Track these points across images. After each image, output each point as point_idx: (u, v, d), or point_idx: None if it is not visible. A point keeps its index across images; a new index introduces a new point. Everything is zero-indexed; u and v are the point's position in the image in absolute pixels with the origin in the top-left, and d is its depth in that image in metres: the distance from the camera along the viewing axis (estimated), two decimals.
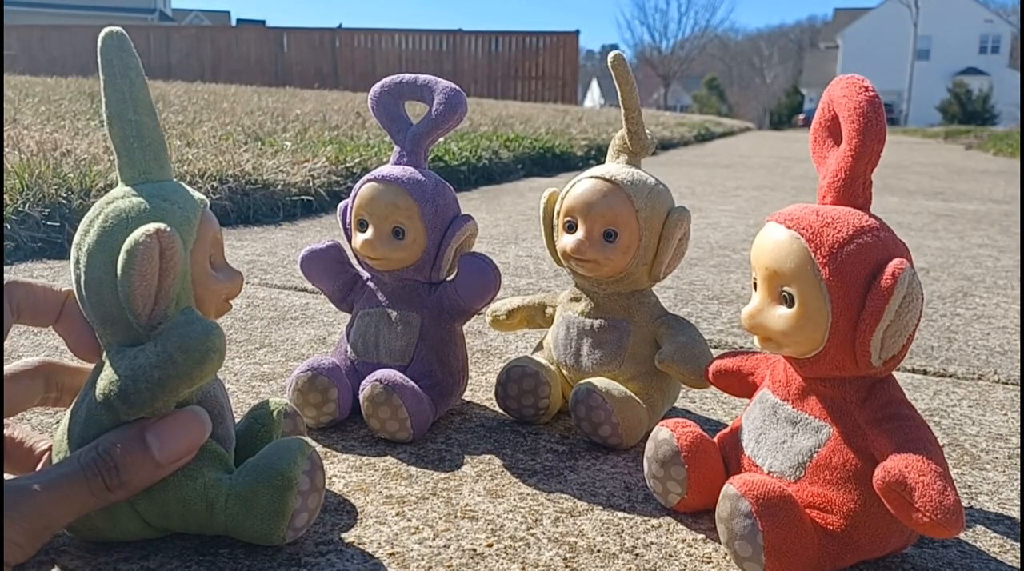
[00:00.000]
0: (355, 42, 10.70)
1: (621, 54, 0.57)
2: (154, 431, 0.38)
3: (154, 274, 0.37)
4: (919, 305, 0.38)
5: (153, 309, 0.38)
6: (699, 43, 35.14)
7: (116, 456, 0.37)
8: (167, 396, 0.38)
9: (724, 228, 1.75)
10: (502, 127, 3.78)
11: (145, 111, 0.41)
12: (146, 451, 0.37)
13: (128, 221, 0.38)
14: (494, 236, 1.54)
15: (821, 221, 0.39)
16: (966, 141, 7.27)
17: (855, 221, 0.39)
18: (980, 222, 1.97)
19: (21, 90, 4.01)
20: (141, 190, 0.40)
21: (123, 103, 0.41)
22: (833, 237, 0.39)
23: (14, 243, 1.20)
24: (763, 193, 2.58)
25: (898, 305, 0.37)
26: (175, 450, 0.38)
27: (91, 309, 0.39)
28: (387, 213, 0.58)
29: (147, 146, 0.41)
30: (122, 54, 0.41)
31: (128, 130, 0.41)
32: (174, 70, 9.92)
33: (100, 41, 0.40)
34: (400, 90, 0.62)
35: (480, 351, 0.81)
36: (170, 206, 0.40)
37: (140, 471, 0.37)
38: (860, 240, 0.39)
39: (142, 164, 0.41)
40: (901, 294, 0.37)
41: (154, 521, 0.41)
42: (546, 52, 10.69)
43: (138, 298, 0.37)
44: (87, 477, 0.36)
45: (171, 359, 0.37)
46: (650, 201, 0.56)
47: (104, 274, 0.38)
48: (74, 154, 1.66)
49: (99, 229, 0.38)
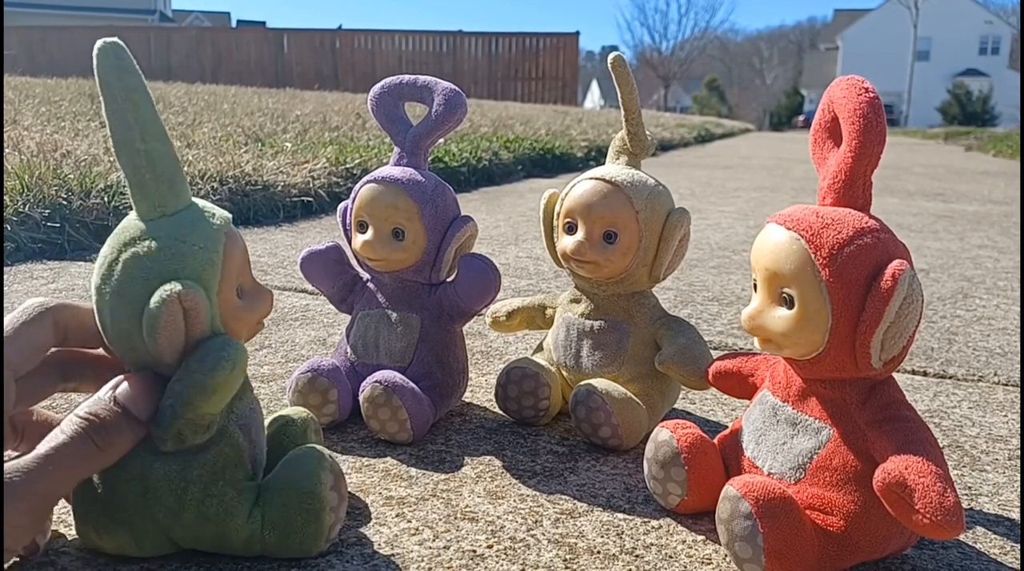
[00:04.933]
0: (355, 43, 10.70)
1: (621, 55, 0.57)
2: (124, 391, 0.38)
3: (180, 333, 0.37)
4: (919, 306, 0.38)
5: (182, 356, 0.38)
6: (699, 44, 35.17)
7: (101, 415, 0.37)
8: (187, 410, 0.37)
9: (724, 229, 1.75)
10: (502, 128, 3.78)
11: (154, 137, 0.38)
12: (125, 409, 0.38)
13: (148, 274, 0.37)
14: (494, 237, 1.54)
15: (821, 222, 0.39)
16: (966, 142, 7.27)
17: (855, 222, 0.39)
18: (980, 223, 1.97)
19: (21, 91, 4.01)
20: (158, 230, 0.38)
21: (128, 131, 0.37)
22: (833, 238, 0.39)
23: (14, 244, 1.20)
24: (763, 194, 2.58)
25: (898, 306, 0.37)
26: (148, 405, 0.38)
27: (120, 353, 0.39)
28: (387, 214, 0.58)
29: (159, 176, 0.38)
30: (122, 74, 0.37)
31: (137, 160, 0.38)
32: (174, 71, 9.93)
33: (95, 58, 0.37)
34: (400, 91, 0.62)
35: (480, 352, 0.81)
36: (189, 248, 0.38)
37: (126, 428, 0.37)
38: (860, 241, 0.39)
39: (156, 196, 0.38)
40: (901, 295, 0.37)
41: (186, 545, 0.40)
42: (546, 53, 10.70)
43: (166, 354, 0.37)
44: (77, 442, 0.36)
45: (188, 371, 0.37)
46: (650, 202, 0.56)
47: (130, 327, 0.37)
48: (74, 155, 1.66)
49: (119, 281, 0.37)
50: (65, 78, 5.91)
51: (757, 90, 42.90)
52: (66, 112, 2.97)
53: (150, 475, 0.39)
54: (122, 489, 0.39)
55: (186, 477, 0.39)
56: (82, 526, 0.40)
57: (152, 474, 0.39)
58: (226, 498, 0.39)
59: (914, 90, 24.37)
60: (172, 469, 0.39)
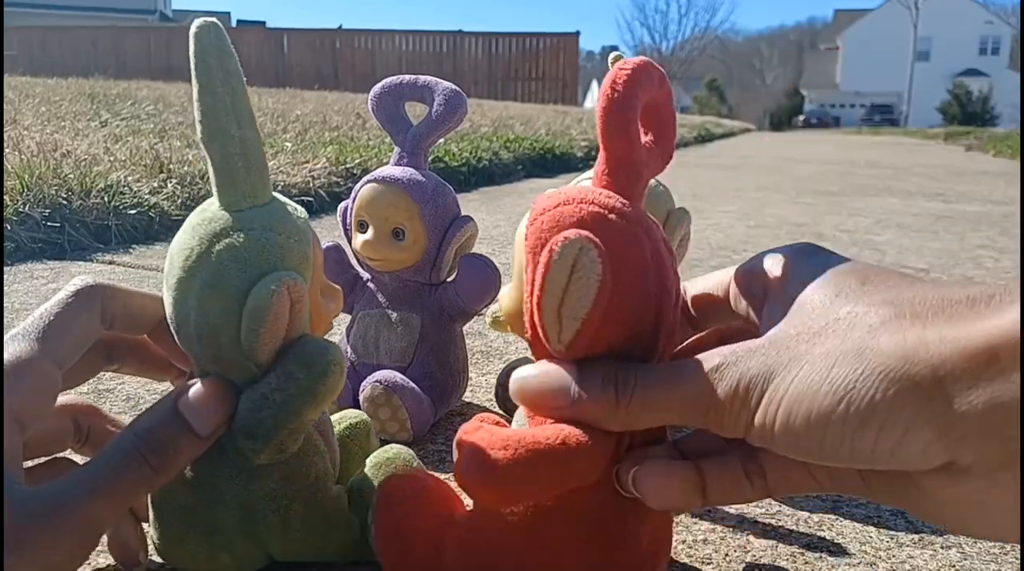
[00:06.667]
0: (355, 43, 10.71)
1: (622, 55, 0.57)
2: (187, 404, 0.35)
3: (283, 329, 0.34)
4: (592, 288, 0.32)
5: (274, 357, 0.35)
6: (699, 44, 35.19)
7: (157, 434, 0.34)
8: (291, 420, 0.35)
9: (725, 229, 1.75)
10: (502, 128, 3.78)
11: (248, 123, 0.35)
12: (185, 425, 0.35)
13: (246, 266, 0.34)
14: (494, 237, 1.54)
15: (546, 198, 0.35)
16: (966, 142, 7.27)
17: (578, 196, 0.34)
18: (980, 223, 1.97)
19: (21, 91, 4.01)
20: (250, 221, 0.35)
21: (226, 116, 0.35)
22: (539, 206, 0.35)
23: (14, 244, 1.20)
24: (764, 194, 2.58)
25: (564, 281, 0.31)
26: (211, 420, 0.35)
27: (200, 349, 0.35)
28: (387, 214, 0.58)
29: (252, 165, 0.36)
30: (222, 55, 0.34)
31: (231, 148, 0.35)
32: (174, 71, 9.93)
33: (195, 37, 0.34)
34: (400, 91, 0.62)
35: (480, 352, 0.81)
36: (286, 241, 0.35)
37: (184, 447, 0.34)
38: (559, 210, 0.34)
39: (246, 187, 0.35)
40: (564, 268, 0.31)
41: (286, 558, 0.39)
42: (546, 53, 10.71)
43: (263, 352, 0.34)
44: (131, 464, 0.33)
45: (293, 377, 0.34)
46: (650, 202, 0.56)
47: (221, 321, 0.34)
48: (74, 155, 1.66)
49: (213, 271, 0.34)
50: (65, 78, 5.91)
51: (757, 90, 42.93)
52: (66, 112, 2.97)
53: (249, 496, 0.36)
54: (221, 515, 0.37)
55: (287, 494, 0.37)
56: (174, 550, 0.38)
57: (251, 495, 0.36)
58: (327, 509, 0.38)
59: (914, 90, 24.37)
60: (272, 488, 0.37)
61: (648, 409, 0.32)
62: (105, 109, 3.34)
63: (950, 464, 0.27)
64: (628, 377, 0.32)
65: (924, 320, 0.27)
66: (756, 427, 0.29)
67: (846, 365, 0.27)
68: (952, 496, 0.28)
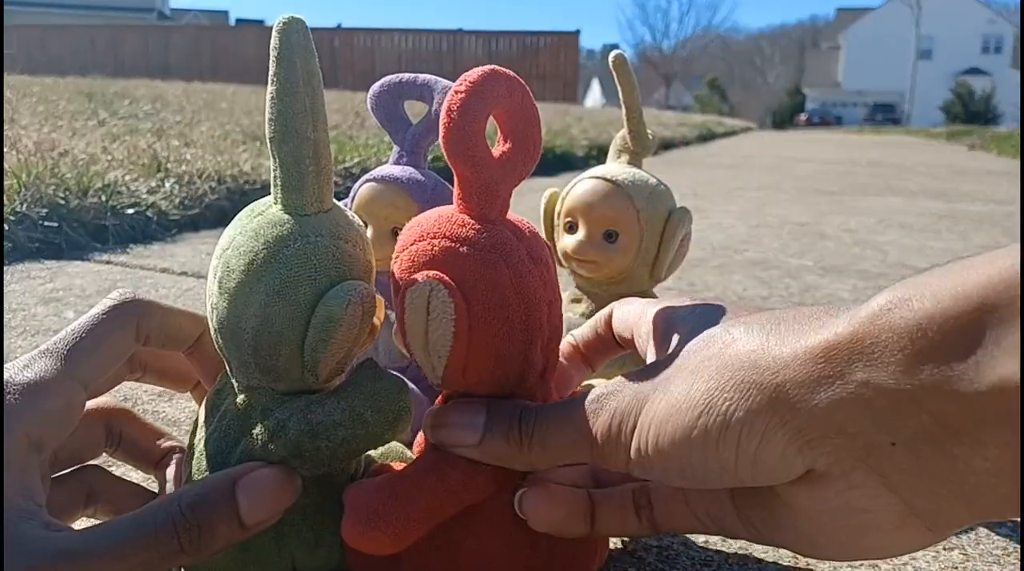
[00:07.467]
0: (354, 42, 10.71)
1: (622, 54, 0.57)
2: (247, 488, 0.31)
3: (352, 341, 0.33)
4: (448, 326, 0.32)
5: (335, 376, 0.34)
6: (701, 43, 35.20)
7: (201, 515, 0.30)
8: (349, 456, 0.34)
9: (726, 229, 1.75)
10: None
11: (324, 127, 0.34)
12: (234, 510, 0.31)
13: (316, 274, 0.32)
14: None
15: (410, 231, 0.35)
16: (969, 142, 7.27)
17: (431, 229, 0.34)
18: (983, 223, 1.96)
19: (19, 90, 4.01)
20: (318, 227, 0.33)
21: (303, 118, 0.33)
22: (400, 242, 0.35)
23: (11, 244, 1.20)
24: (766, 193, 2.58)
25: (424, 323, 0.32)
26: (264, 513, 0.32)
27: (253, 358, 0.33)
28: (386, 213, 0.57)
29: (322, 170, 0.34)
30: (307, 55, 0.33)
31: (305, 150, 0.33)
32: (172, 70, 9.94)
33: (280, 34, 0.33)
34: (399, 89, 0.61)
35: None
36: (353, 249, 0.34)
37: (223, 534, 0.31)
38: (414, 248, 0.34)
39: (314, 191, 0.34)
40: (420, 310, 0.32)
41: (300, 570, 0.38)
42: (547, 52, 10.71)
43: (328, 364, 0.33)
44: (160, 538, 0.30)
45: (361, 419, 0.33)
46: (651, 201, 0.56)
47: (285, 329, 0.32)
48: (72, 154, 1.65)
49: (281, 278, 0.32)
50: (63, 77, 5.91)
51: (759, 89, 42.96)
52: (64, 111, 2.97)
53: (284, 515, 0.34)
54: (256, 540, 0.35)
55: (322, 508, 0.36)
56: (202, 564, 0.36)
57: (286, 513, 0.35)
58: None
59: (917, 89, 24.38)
60: (306, 503, 0.35)
61: (547, 450, 0.32)
62: (103, 108, 3.33)
63: (810, 473, 0.27)
64: (529, 417, 0.33)
65: (775, 333, 0.28)
66: (634, 457, 0.30)
67: (703, 380, 0.28)
68: (817, 507, 0.28)
